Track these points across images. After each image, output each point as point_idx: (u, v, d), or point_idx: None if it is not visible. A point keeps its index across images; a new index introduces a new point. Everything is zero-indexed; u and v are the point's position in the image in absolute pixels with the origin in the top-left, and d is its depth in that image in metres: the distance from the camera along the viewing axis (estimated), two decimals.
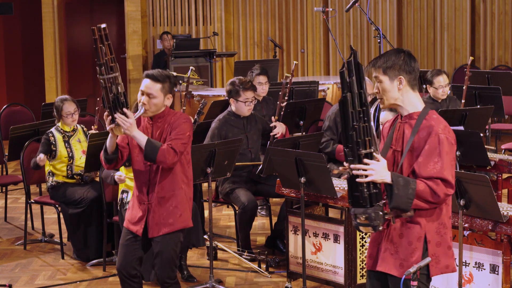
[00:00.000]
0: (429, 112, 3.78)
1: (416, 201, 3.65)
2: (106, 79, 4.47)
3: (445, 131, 3.71)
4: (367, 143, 3.62)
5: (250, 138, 6.85)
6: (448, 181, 3.67)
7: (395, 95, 3.79)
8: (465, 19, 12.23)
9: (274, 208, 7.80)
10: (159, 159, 4.68)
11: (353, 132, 3.59)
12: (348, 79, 3.59)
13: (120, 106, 4.57)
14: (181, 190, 4.86)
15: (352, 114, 3.59)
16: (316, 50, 12.98)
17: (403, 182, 3.64)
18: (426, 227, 3.76)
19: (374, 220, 3.61)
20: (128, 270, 4.87)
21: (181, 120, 4.83)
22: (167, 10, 13.04)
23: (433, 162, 3.67)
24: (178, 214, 4.85)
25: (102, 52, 4.43)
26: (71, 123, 6.88)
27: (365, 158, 3.62)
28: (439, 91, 7.38)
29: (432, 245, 3.77)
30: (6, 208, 8.24)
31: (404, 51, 3.82)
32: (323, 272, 5.88)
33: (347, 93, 3.59)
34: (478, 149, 6.26)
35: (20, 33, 13.78)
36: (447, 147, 3.69)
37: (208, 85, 11.19)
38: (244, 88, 6.70)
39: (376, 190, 3.63)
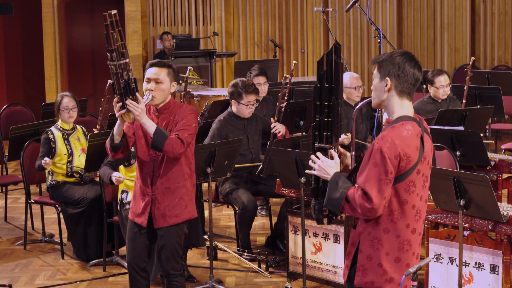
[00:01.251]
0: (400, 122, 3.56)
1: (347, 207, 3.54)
2: (118, 65, 4.46)
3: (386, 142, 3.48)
4: (324, 138, 3.59)
5: (251, 138, 6.85)
6: (368, 195, 3.47)
7: (381, 96, 3.61)
8: (465, 19, 12.23)
9: (274, 208, 7.80)
10: (166, 148, 4.69)
11: (313, 123, 3.59)
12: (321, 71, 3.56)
13: (131, 92, 4.57)
14: (186, 182, 4.88)
15: (316, 106, 3.57)
16: (316, 50, 12.98)
17: (333, 184, 3.55)
18: (362, 235, 3.62)
19: (316, 213, 3.63)
20: (138, 263, 4.91)
21: (187, 111, 4.83)
22: (167, 10, 13.04)
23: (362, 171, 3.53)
24: (184, 206, 4.88)
25: (114, 38, 4.42)
26: (67, 120, 6.88)
27: (318, 151, 3.61)
28: (440, 91, 7.37)
29: (362, 255, 3.61)
30: (6, 208, 8.24)
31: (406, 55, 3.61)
32: (323, 272, 5.88)
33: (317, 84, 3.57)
34: (478, 149, 6.26)
35: (20, 33, 13.78)
36: (377, 159, 3.47)
37: (208, 85, 11.19)
38: (247, 91, 6.70)
39: (324, 186, 3.61)
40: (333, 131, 3.58)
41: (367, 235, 3.60)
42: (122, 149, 4.80)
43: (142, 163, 4.87)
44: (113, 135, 4.73)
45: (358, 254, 3.63)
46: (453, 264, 5.21)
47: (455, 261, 5.19)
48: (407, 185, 3.53)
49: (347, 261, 3.71)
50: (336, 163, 3.61)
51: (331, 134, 3.58)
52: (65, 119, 6.88)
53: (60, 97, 6.93)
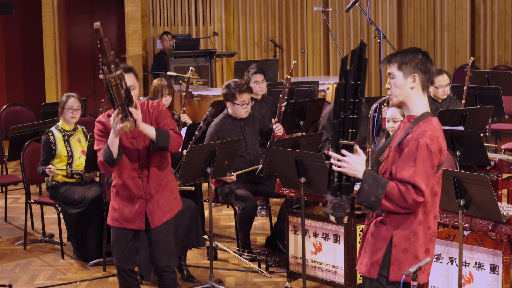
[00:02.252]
0: (427, 117, 3.71)
1: (385, 202, 3.60)
2: (116, 76, 4.41)
3: (429, 137, 3.62)
4: (349, 134, 3.58)
5: (248, 139, 6.84)
6: (419, 188, 3.58)
7: (406, 92, 3.72)
8: (465, 19, 12.23)
9: (274, 208, 7.80)
10: (171, 145, 4.74)
11: (338, 120, 3.57)
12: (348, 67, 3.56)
13: (132, 100, 4.57)
14: (171, 175, 4.96)
15: (341, 103, 3.56)
16: (316, 50, 12.98)
17: (373, 180, 3.59)
18: (394, 230, 3.69)
19: (337, 211, 3.60)
20: (128, 266, 4.94)
21: (160, 106, 4.88)
22: (167, 10, 13.04)
23: (408, 166, 3.60)
24: (174, 198, 4.95)
25: (108, 50, 4.39)
26: (70, 120, 6.88)
27: (343, 148, 3.60)
28: (440, 91, 7.37)
29: (397, 249, 3.69)
30: (6, 208, 8.24)
31: (422, 51, 3.77)
32: (323, 272, 5.88)
33: (342, 80, 3.56)
34: (478, 149, 6.26)
35: (20, 33, 13.78)
36: (425, 154, 3.60)
37: (208, 85, 11.19)
38: (240, 90, 6.69)
39: (348, 183, 3.61)
40: (357, 128, 3.59)
41: (402, 229, 3.69)
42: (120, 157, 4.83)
43: (128, 168, 4.84)
44: (111, 151, 4.67)
45: (392, 249, 3.69)
46: (453, 264, 5.21)
47: (455, 261, 5.19)
48: (439, 178, 3.72)
49: (374, 257, 3.72)
50: (364, 159, 3.63)
51: (355, 131, 3.59)
52: (67, 119, 6.88)
53: (66, 97, 6.93)
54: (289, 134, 7.57)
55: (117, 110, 4.53)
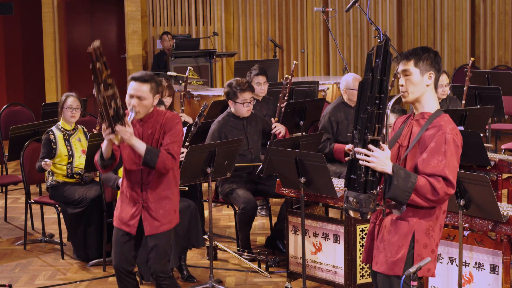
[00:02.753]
0: (441, 114, 3.80)
1: (414, 196, 3.64)
2: (106, 97, 4.44)
3: (453, 132, 3.72)
4: (376, 129, 3.60)
5: (250, 138, 6.85)
6: (450, 181, 3.67)
7: (422, 89, 3.79)
8: (465, 19, 12.23)
9: (274, 208, 7.80)
10: (158, 166, 4.73)
11: (365, 115, 3.58)
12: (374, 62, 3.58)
13: (120, 118, 4.57)
14: (176, 189, 4.93)
15: (368, 97, 3.58)
16: (316, 50, 12.98)
17: (404, 174, 3.63)
18: (416, 225, 3.75)
19: (363, 207, 3.60)
20: (125, 267, 4.93)
21: (174, 122, 4.84)
22: (167, 10, 13.04)
23: (436, 160, 3.67)
24: (173, 211, 4.92)
25: (100, 71, 4.39)
26: (70, 119, 6.88)
27: (370, 144, 3.61)
28: (439, 91, 7.37)
29: (419, 245, 3.76)
30: (6, 208, 8.24)
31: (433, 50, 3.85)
32: (323, 272, 5.88)
33: (369, 75, 3.58)
34: (478, 149, 6.26)
35: (20, 33, 13.78)
36: (452, 148, 3.70)
37: (208, 85, 11.19)
38: (242, 89, 6.70)
39: (373, 178, 3.62)
40: (383, 123, 3.61)
41: (423, 225, 3.75)
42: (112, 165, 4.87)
43: (129, 172, 4.88)
44: (102, 155, 4.77)
45: (415, 245, 3.74)
46: (453, 264, 5.21)
47: (455, 261, 5.19)
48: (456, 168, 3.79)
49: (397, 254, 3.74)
50: (389, 154, 3.66)
51: (381, 126, 3.61)
52: (67, 118, 6.88)
53: (65, 96, 6.95)
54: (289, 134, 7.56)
55: (105, 124, 4.60)
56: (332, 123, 7.03)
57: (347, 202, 3.65)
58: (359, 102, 3.61)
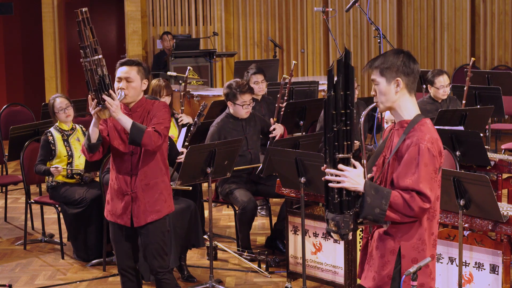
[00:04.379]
0: (421, 120, 3.58)
1: (389, 213, 3.46)
2: (91, 61, 4.51)
3: (429, 141, 3.50)
4: (345, 147, 3.42)
5: (250, 139, 6.85)
6: (424, 194, 3.46)
7: (392, 98, 3.58)
8: (465, 19, 12.23)
9: (274, 208, 7.80)
10: (144, 141, 4.69)
11: (331, 134, 3.41)
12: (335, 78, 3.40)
13: (106, 88, 4.59)
14: (164, 177, 4.92)
15: (332, 115, 3.40)
16: (316, 50, 12.98)
17: (375, 192, 3.45)
18: (401, 240, 3.58)
19: (341, 228, 3.45)
20: (128, 264, 4.94)
21: (161, 107, 4.87)
22: (167, 10, 13.04)
23: (410, 173, 3.47)
24: (163, 200, 4.90)
25: (86, 35, 4.46)
26: (65, 119, 6.87)
27: (340, 163, 3.43)
28: (440, 91, 7.37)
29: (406, 260, 3.57)
30: (6, 208, 8.24)
31: (403, 52, 3.62)
32: (323, 272, 5.88)
33: (331, 93, 3.40)
34: (478, 149, 6.26)
35: (20, 33, 13.78)
36: (427, 158, 3.48)
37: (208, 85, 11.19)
38: (241, 91, 6.69)
39: (348, 198, 3.45)
40: (352, 140, 3.44)
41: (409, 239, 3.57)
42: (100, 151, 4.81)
43: (119, 163, 4.88)
44: (89, 135, 4.73)
45: (401, 260, 3.57)
46: (453, 264, 5.21)
47: (455, 261, 5.19)
48: (439, 180, 3.59)
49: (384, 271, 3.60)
50: (362, 171, 3.48)
51: (350, 143, 3.44)
52: (63, 119, 6.87)
53: (52, 100, 6.91)
54: (289, 134, 7.57)
55: (91, 95, 4.61)
56: None
57: (327, 224, 3.50)
58: (325, 120, 3.43)
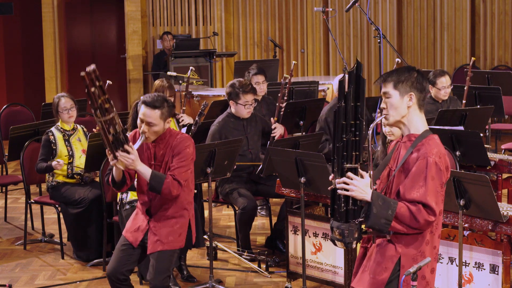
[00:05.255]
0: (429, 135, 3.67)
1: (394, 224, 3.53)
2: (103, 121, 4.37)
3: (437, 155, 3.59)
4: (353, 157, 3.51)
5: (250, 139, 6.85)
6: (430, 207, 3.54)
7: (402, 112, 3.67)
8: (465, 19, 12.23)
9: (274, 208, 7.80)
10: (164, 192, 4.73)
11: (340, 144, 3.50)
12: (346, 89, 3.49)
13: (121, 144, 4.55)
14: (185, 211, 4.92)
15: (343, 126, 3.49)
16: (316, 50, 12.98)
17: (382, 202, 3.52)
18: (403, 251, 3.64)
19: (346, 237, 3.51)
20: (117, 276, 4.90)
21: (184, 145, 4.82)
22: (167, 10, 13.04)
23: (417, 185, 3.55)
24: (178, 234, 4.89)
25: (95, 95, 4.27)
26: (68, 120, 6.87)
27: (348, 172, 3.51)
28: (441, 92, 7.38)
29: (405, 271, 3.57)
30: (6, 208, 8.24)
31: (416, 69, 3.72)
32: (323, 272, 5.88)
33: (342, 103, 3.49)
34: (478, 149, 6.26)
35: (20, 33, 13.78)
36: (434, 172, 3.56)
37: (208, 85, 11.19)
38: (244, 91, 6.69)
39: (354, 207, 3.52)
40: (360, 150, 3.52)
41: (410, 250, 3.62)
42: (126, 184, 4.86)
43: (141, 191, 4.92)
44: (113, 176, 4.78)
45: (400, 270, 3.62)
46: (453, 264, 5.21)
47: (455, 261, 5.19)
48: (443, 196, 3.66)
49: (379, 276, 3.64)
50: (369, 181, 3.55)
51: (359, 154, 3.52)
52: (65, 119, 6.88)
53: (57, 99, 6.91)
54: (289, 134, 7.57)
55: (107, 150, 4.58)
56: (328, 124, 7.02)
57: (332, 232, 3.58)
58: (334, 130, 3.53)
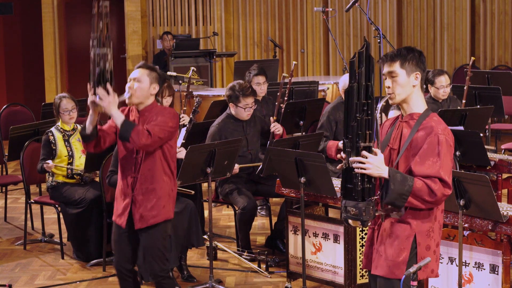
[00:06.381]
0: (430, 114, 3.78)
1: (412, 199, 3.62)
2: (96, 53, 4.51)
3: (444, 132, 3.71)
4: (367, 136, 3.59)
5: (250, 140, 6.85)
6: (446, 181, 3.66)
7: (408, 90, 3.77)
8: (465, 19, 12.23)
9: (274, 208, 7.80)
10: (132, 138, 4.69)
11: (354, 123, 3.58)
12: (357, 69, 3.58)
13: (104, 81, 4.60)
14: (164, 183, 4.89)
15: (356, 105, 3.58)
16: (316, 50, 12.98)
17: (400, 178, 3.61)
18: (417, 228, 3.74)
19: (363, 215, 3.58)
20: (124, 265, 4.93)
21: (166, 113, 4.87)
22: (167, 10, 13.04)
23: (431, 161, 3.65)
24: (161, 206, 4.88)
25: (98, 26, 4.49)
26: (68, 121, 6.88)
27: (363, 151, 3.60)
28: (440, 91, 7.38)
29: (421, 247, 3.74)
30: (6, 208, 8.24)
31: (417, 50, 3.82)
32: (323, 272, 5.88)
33: (354, 83, 3.58)
34: (478, 149, 6.26)
35: (20, 33, 13.78)
36: (445, 148, 3.68)
37: (208, 85, 11.19)
38: (244, 94, 6.69)
39: (369, 185, 3.61)
40: (373, 129, 3.61)
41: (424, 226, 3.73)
42: (95, 144, 4.82)
43: (124, 164, 4.91)
44: (85, 125, 4.78)
45: (417, 247, 3.72)
46: (453, 264, 5.21)
47: (455, 261, 5.19)
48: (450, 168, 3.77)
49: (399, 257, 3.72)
50: (383, 158, 3.65)
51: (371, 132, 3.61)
52: (65, 120, 6.88)
53: (59, 99, 6.91)
54: (289, 134, 7.56)
55: (89, 84, 4.63)
56: (331, 122, 7.02)
57: (346, 212, 3.62)
58: (347, 110, 3.61)
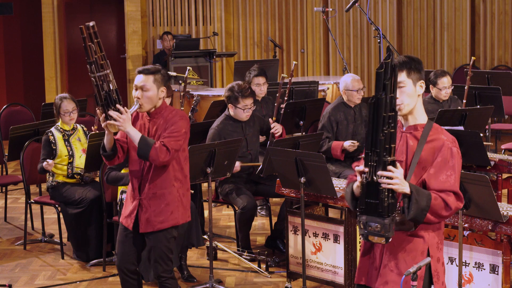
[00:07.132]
0: (433, 124, 3.70)
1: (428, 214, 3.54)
2: (97, 77, 4.50)
3: (454, 143, 3.64)
4: (392, 150, 3.47)
5: (249, 140, 6.84)
6: (459, 195, 3.59)
7: (415, 100, 3.67)
8: (465, 19, 12.23)
9: (274, 208, 7.80)
10: (151, 157, 4.69)
11: (382, 136, 3.42)
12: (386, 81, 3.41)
13: (113, 103, 4.60)
14: (173, 188, 4.86)
15: (383, 118, 3.42)
16: (316, 50, 12.98)
17: (421, 193, 3.53)
18: (429, 241, 3.66)
19: (388, 231, 3.46)
20: (127, 266, 4.93)
21: (177, 117, 4.82)
22: (167, 10, 13.04)
23: (445, 175, 3.57)
24: (169, 212, 4.87)
25: (92, 50, 4.46)
26: (69, 122, 6.88)
27: (390, 165, 3.46)
28: (442, 92, 7.37)
29: (434, 260, 3.67)
30: (6, 208, 8.24)
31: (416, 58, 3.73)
32: (323, 272, 5.88)
33: (383, 95, 3.41)
34: (478, 149, 6.26)
35: (20, 33, 13.78)
36: (457, 160, 3.61)
37: (208, 85, 11.19)
38: (243, 95, 6.68)
39: (393, 201, 3.49)
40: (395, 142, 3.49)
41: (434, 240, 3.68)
42: (117, 156, 4.84)
43: (133, 167, 4.90)
44: (104, 145, 4.78)
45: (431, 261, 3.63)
46: (453, 264, 5.21)
47: (455, 261, 5.19)
48: None
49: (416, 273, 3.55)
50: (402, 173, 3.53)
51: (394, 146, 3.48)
52: (66, 121, 6.88)
53: (60, 100, 6.90)
54: (289, 134, 7.57)
55: (99, 109, 4.63)
56: (332, 123, 7.03)
57: (367, 228, 3.48)
58: (373, 122, 3.43)
